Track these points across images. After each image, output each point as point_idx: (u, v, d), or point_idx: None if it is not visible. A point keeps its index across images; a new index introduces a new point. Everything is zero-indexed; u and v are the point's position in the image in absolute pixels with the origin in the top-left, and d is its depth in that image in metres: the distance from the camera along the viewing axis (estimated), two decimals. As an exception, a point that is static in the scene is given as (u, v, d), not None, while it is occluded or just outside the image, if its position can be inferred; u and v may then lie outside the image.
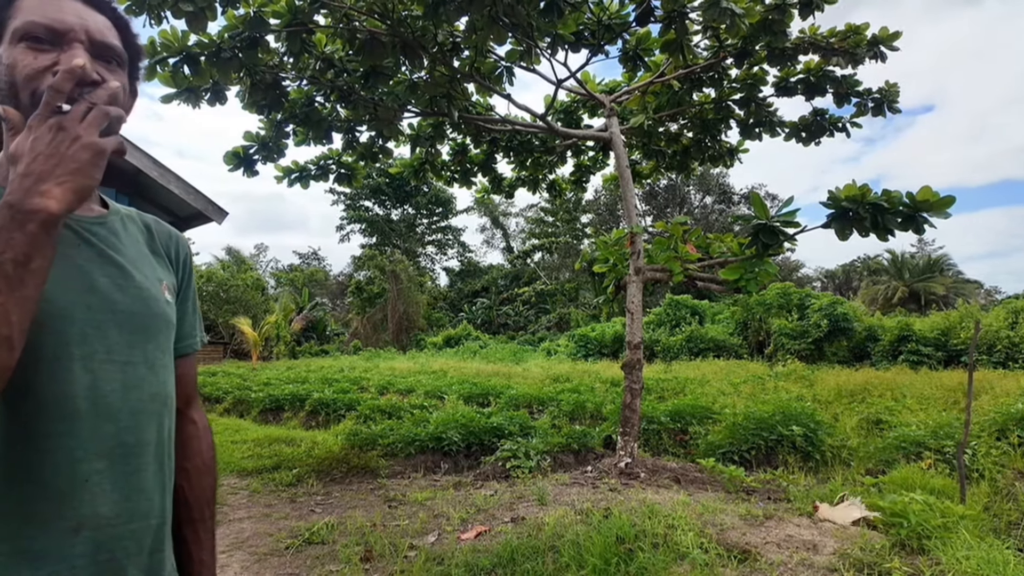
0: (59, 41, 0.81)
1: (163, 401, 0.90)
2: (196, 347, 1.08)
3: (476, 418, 6.40)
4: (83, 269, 0.83)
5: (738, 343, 14.28)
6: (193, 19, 3.91)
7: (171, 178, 6.23)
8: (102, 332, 0.81)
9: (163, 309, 0.92)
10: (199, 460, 1.05)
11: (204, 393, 11.02)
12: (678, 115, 6.67)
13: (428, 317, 27.61)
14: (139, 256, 0.93)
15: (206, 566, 1.03)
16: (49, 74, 0.79)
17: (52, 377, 0.76)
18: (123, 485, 0.81)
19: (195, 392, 1.09)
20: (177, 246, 1.05)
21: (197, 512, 1.03)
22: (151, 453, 0.86)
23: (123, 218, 0.96)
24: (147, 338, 0.88)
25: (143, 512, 0.84)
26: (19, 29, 0.80)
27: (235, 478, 5.36)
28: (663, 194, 31.00)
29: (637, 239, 5.30)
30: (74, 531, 0.76)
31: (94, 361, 0.80)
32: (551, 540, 3.25)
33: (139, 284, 0.89)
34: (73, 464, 0.76)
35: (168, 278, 0.98)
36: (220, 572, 3.18)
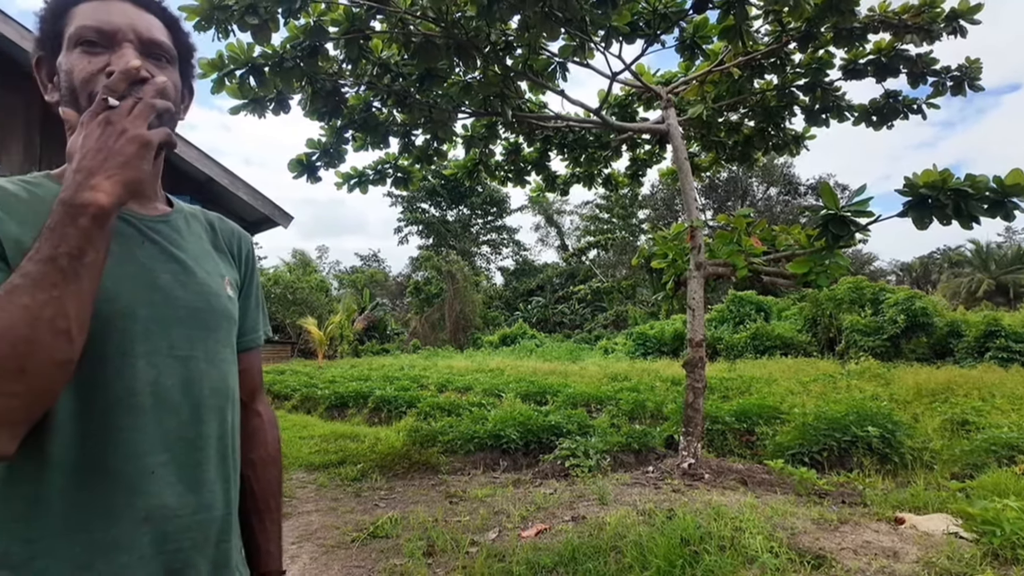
0: (110, 43, 0.84)
1: (224, 395, 0.91)
2: (260, 341, 1.09)
3: (534, 416, 6.40)
4: (146, 267, 0.85)
5: (807, 340, 13.68)
6: (258, 31, 4.07)
7: (240, 185, 6.53)
8: (165, 328, 0.83)
9: (224, 305, 0.93)
10: (264, 452, 1.06)
11: (274, 391, 11.51)
12: (739, 104, 6.44)
13: (484, 316, 27.86)
14: (201, 253, 0.95)
15: (272, 556, 1.04)
16: (103, 75, 0.82)
17: (119, 373, 0.78)
18: (187, 477, 0.83)
19: (260, 386, 1.10)
20: (240, 243, 1.07)
21: (263, 503, 1.04)
22: (213, 446, 0.88)
23: (187, 216, 0.98)
24: (208, 333, 0.89)
25: (207, 503, 0.86)
26: (73, 35, 0.84)
27: (303, 472, 5.56)
28: (723, 187, 30.07)
29: (697, 233, 5.16)
30: (143, 522, 0.78)
31: (157, 357, 0.82)
32: (613, 540, 3.20)
33: (201, 280, 0.90)
34: (140, 457, 0.78)
35: (231, 274, 1.00)
36: (290, 562, 3.31)
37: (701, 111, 6.02)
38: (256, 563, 1.02)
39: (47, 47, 0.87)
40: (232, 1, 3.98)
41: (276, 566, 1.05)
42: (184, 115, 0.99)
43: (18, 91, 5.60)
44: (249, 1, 3.99)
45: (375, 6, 4.33)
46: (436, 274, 27.62)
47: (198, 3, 4.01)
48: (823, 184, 4.50)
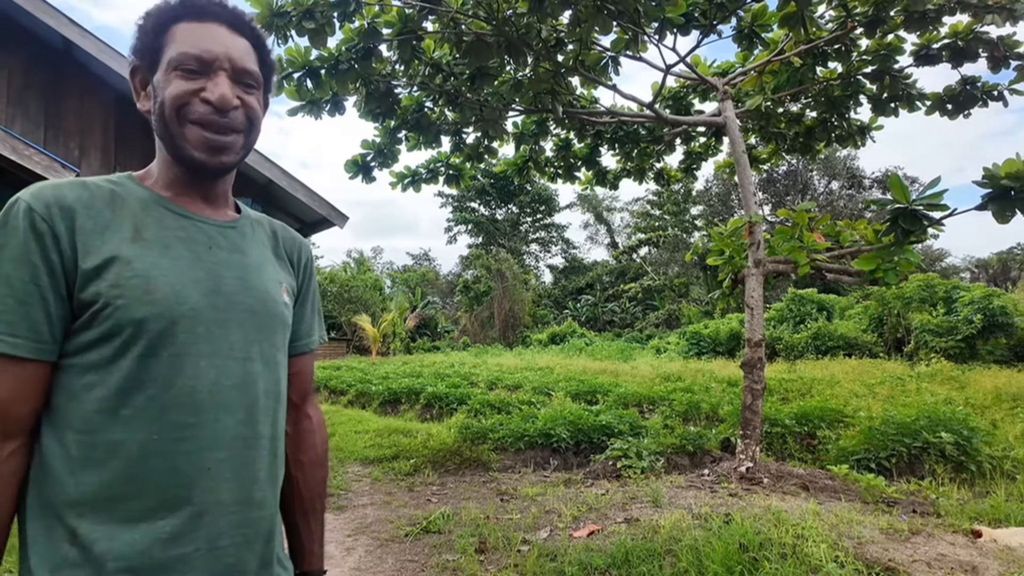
0: (206, 70, 0.89)
1: (276, 397, 0.94)
2: (313, 346, 1.12)
3: (584, 416, 6.34)
4: (213, 271, 0.89)
5: (872, 340, 13.04)
6: (315, 35, 4.18)
7: (298, 187, 6.74)
8: (226, 330, 0.87)
9: (281, 310, 0.97)
10: (313, 454, 1.09)
11: (330, 386, 11.85)
12: (800, 94, 6.18)
13: (533, 314, 27.86)
14: (263, 259, 1.00)
15: (315, 556, 1.07)
16: (196, 98, 0.88)
17: (183, 372, 0.82)
18: (241, 475, 0.86)
19: (311, 388, 1.13)
20: (300, 251, 1.11)
21: (309, 503, 1.07)
22: (266, 446, 0.91)
23: (252, 223, 1.03)
24: (264, 336, 0.93)
25: (259, 502, 0.89)
26: (174, 59, 0.89)
27: (358, 466, 5.69)
28: (782, 180, 28.99)
29: (756, 229, 4.98)
30: (199, 516, 0.82)
31: (218, 357, 0.86)
32: (667, 544, 3.13)
33: (261, 286, 0.95)
34: (198, 453, 0.82)
35: (288, 280, 1.04)
36: (346, 554, 3.39)
37: (760, 102, 5.81)
38: (299, 562, 1.06)
39: (145, 59, 0.92)
40: (291, 7, 4.11)
41: (318, 566, 1.08)
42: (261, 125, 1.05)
43: (97, 101, 5.95)
44: (306, 6, 4.11)
45: (427, 6, 4.37)
46: (485, 272, 27.79)
47: (259, 11, 4.15)
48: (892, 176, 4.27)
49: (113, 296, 0.80)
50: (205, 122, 0.89)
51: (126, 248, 0.83)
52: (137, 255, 0.84)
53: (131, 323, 0.80)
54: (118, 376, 0.80)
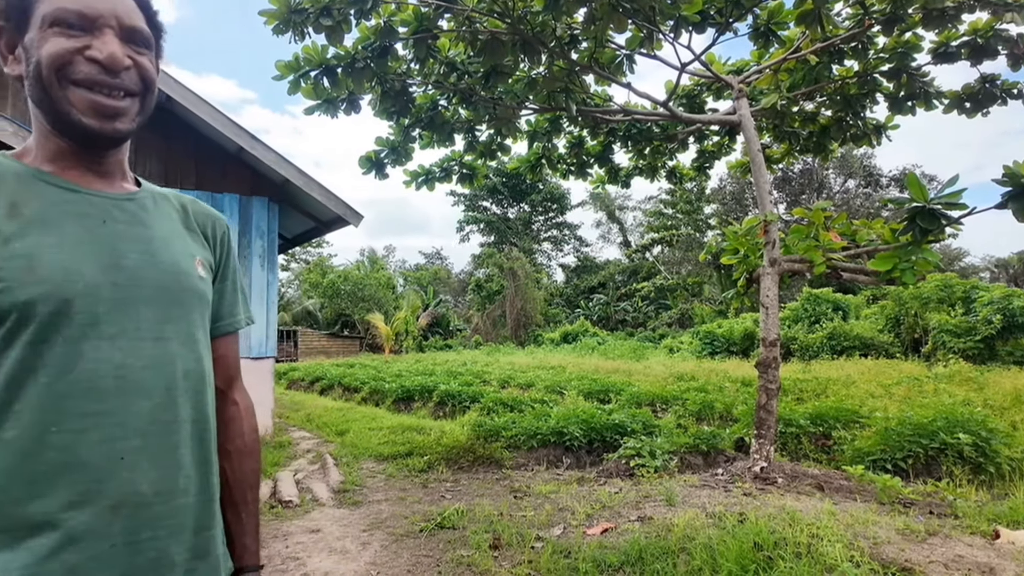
0: (89, 27, 0.82)
1: (199, 377, 0.88)
2: (237, 327, 1.05)
3: (597, 414, 6.34)
4: (110, 246, 0.82)
5: (888, 341, 12.90)
6: (331, 33, 4.22)
7: (314, 186, 6.80)
8: (131, 309, 0.81)
9: (195, 284, 0.90)
10: (241, 442, 1.01)
11: (344, 383, 11.94)
12: (815, 92, 6.13)
13: (545, 313, 27.86)
14: (171, 232, 0.92)
15: (248, 550, 1.00)
16: (79, 56, 0.80)
17: (83, 356, 0.76)
18: (161, 462, 0.80)
19: (237, 373, 1.05)
20: (214, 224, 1.03)
21: (239, 494, 1.00)
22: (188, 430, 0.85)
23: (155, 196, 0.95)
24: (181, 314, 0.86)
25: (183, 489, 0.82)
26: (49, 15, 0.80)
27: (372, 462, 5.74)
28: (798, 179, 28.74)
29: (772, 228, 4.95)
30: (113, 509, 0.75)
31: (124, 338, 0.79)
32: (681, 542, 3.13)
33: (170, 259, 0.87)
34: (108, 442, 0.75)
35: (203, 254, 0.97)
36: (362, 548, 3.42)
37: (775, 100, 5.77)
38: (232, 556, 0.99)
39: (11, 18, 0.83)
40: (308, 4, 4.15)
41: (253, 561, 1.00)
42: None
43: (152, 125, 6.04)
44: (324, 3, 4.15)
45: (443, 5, 4.39)
46: (498, 271, 27.84)
47: (276, 7, 4.20)
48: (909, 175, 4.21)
49: None
50: (92, 83, 0.81)
51: (3, 227, 0.75)
52: (15, 233, 0.75)
53: (15, 307, 0.73)
54: (7, 367, 0.73)
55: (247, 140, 6.39)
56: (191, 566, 0.83)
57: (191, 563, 0.83)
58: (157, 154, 6.31)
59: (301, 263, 35.70)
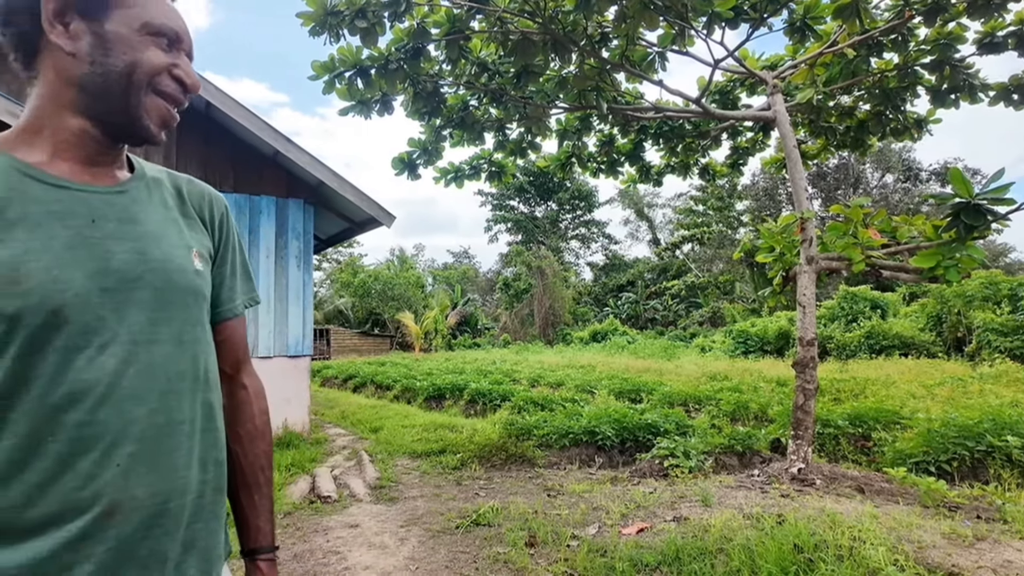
0: (176, 46, 0.88)
1: (196, 377, 0.87)
2: (239, 311, 1.03)
3: (629, 414, 6.31)
4: (98, 248, 0.79)
5: (930, 340, 12.51)
6: (366, 35, 4.29)
7: (348, 188, 6.91)
8: (122, 313, 0.79)
9: (190, 280, 0.88)
10: (251, 426, 1.01)
11: (376, 381, 12.11)
12: (852, 86, 5.99)
13: (573, 312, 27.78)
14: (165, 223, 0.90)
15: (263, 532, 1.00)
16: (167, 73, 0.86)
17: (74, 365, 0.75)
18: (159, 466, 0.80)
19: (245, 356, 1.04)
20: (212, 206, 1.01)
21: (251, 477, 1.00)
22: (185, 432, 0.84)
23: (149, 182, 0.92)
24: (173, 314, 0.85)
25: (179, 490, 0.83)
26: (152, 24, 0.84)
27: (407, 459, 5.82)
28: (833, 174, 28.05)
29: (808, 225, 4.87)
30: (108, 515, 0.75)
31: (116, 344, 0.78)
32: (719, 543, 3.11)
33: (162, 256, 0.85)
34: (103, 450, 0.75)
35: (201, 242, 0.95)
36: (400, 544, 3.48)
37: (811, 95, 5.66)
38: (246, 539, 1.00)
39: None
40: (344, 7, 4.23)
41: (267, 542, 1.00)
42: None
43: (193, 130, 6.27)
44: (359, 6, 4.22)
45: (475, 6, 4.43)
46: (525, 270, 27.85)
47: (313, 10, 4.28)
48: (952, 169, 4.07)
49: None
50: (171, 98, 0.87)
51: None
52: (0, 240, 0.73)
53: (2, 319, 0.71)
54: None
55: (282, 143, 6.53)
56: (181, 559, 0.83)
57: (183, 555, 0.83)
58: (197, 159, 6.49)
59: (333, 263, 36.27)
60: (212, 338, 0.94)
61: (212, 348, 0.93)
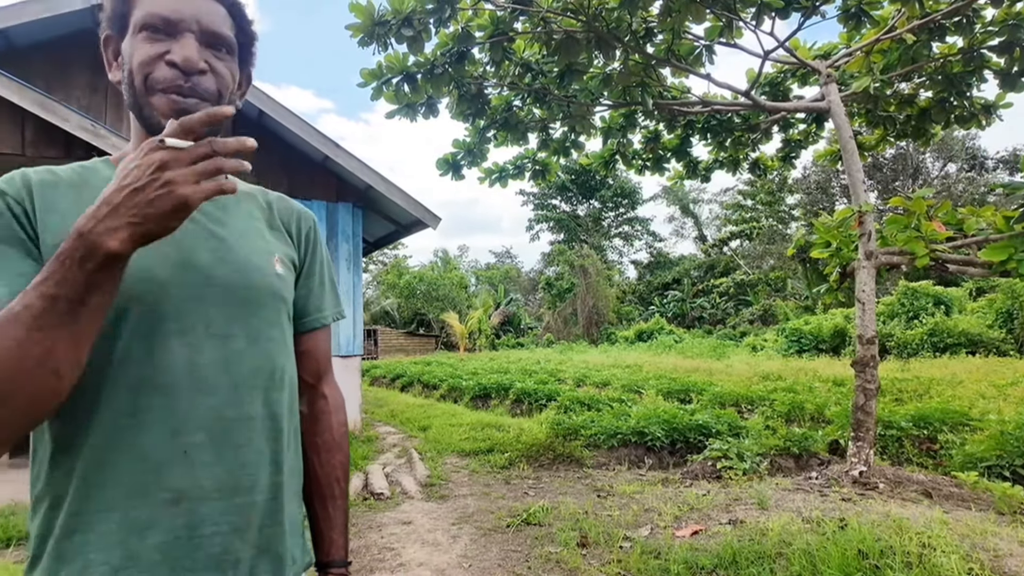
0: (174, 31, 0.83)
1: (269, 375, 0.88)
2: (323, 322, 1.04)
3: (679, 414, 6.21)
4: (183, 245, 0.83)
5: (1000, 337, 11.83)
6: (412, 42, 4.37)
7: (395, 191, 7.04)
8: (200, 307, 0.82)
9: (269, 282, 0.90)
10: (329, 436, 1.02)
11: (423, 380, 12.29)
12: (913, 73, 5.72)
13: (617, 311, 27.48)
14: (249, 230, 0.93)
15: (335, 544, 0.99)
16: (161, 61, 0.83)
17: (149, 352, 0.78)
18: (226, 459, 0.81)
19: (328, 367, 1.06)
20: (299, 221, 1.03)
21: (327, 488, 1.00)
22: (257, 428, 0.85)
23: (239, 195, 0.95)
24: (249, 311, 0.87)
25: (246, 487, 0.83)
26: (139, 20, 0.84)
27: (456, 458, 5.89)
28: (890, 165, 26.87)
29: (867, 219, 4.68)
30: (174, 502, 0.77)
31: (192, 335, 0.81)
32: (777, 547, 3.02)
33: (242, 257, 0.88)
34: (171, 437, 0.78)
35: (283, 251, 0.97)
36: (452, 542, 3.53)
37: (867, 84, 5.43)
38: (319, 550, 0.99)
39: (115, 27, 0.87)
40: (390, 16, 4.31)
41: (339, 555, 0.99)
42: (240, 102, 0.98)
43: (217, 118, 6.49)
44: (405, 14, 4.30)
45: (518, 7, 4.44)
46: (568, 269, 27.73)
47: (361, 21, 4.38)
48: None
49: None
50: (172, 89, 0.83)
51: None
52: None
53: None
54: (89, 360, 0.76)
55: (332, 148, 6.71)
56: (255, 562, 0.84)
57: (256, 559, 0.84)
58: (253, 165, 6.73)
59: (379, 265, 36.98)
60: (291, 342, 0.96)
61: (289, 351, 0.95)
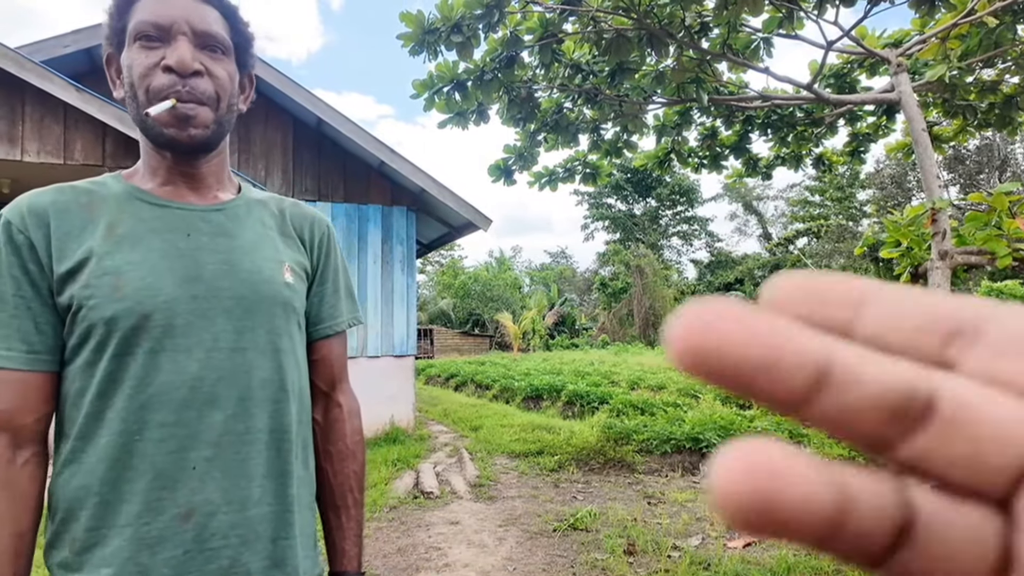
0: (166, 36, 0.84)
1: (279, 386, 0.88)
2: (336, 329, 1.02)
3: (736, 420, 6.01)
4: (190, 258, 0.84)
5: (1098, 343, 10.84)
6: (462, 48, 4.41)
7: (447, 194, 7.15)
8: (208, 320, 0.83)
9: (279, 292, 0.90)
10: (342, 444, 1.00)
11: (476, 380, 12.41)
12: (995, 58, 5.32)
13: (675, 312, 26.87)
14: (259, 239, 0.92)
15: (348, 555, 0.97)
16: (159, 69, 0.83)
17: (160, 368, 0.79)
18: (233, 473, 0.82)
19: (342, 375, 1.04)
20: (312, 227, 1.02)
21: (340, 497, 0.98)
22: (263, 440, 0.85)
23: (251, 203, 0.96)
24: (259, 322, 0.87)
25: (257, 499, 0.83)
26: (132, 31, 0.84)
27: (505, 459, 5.91)
28: (973, 157, 25.12)
29: (940, 216, 4.38)
30: (184, 517, 0.78)
31: (200, 350, 0.81)
32: (837, 563, 2.88)
33: (251, 267, 0.88)
34: (181, 452, 0.79)
35: (296, 259, 0.96)
36: (498, 543, 3.54)
37: (943, 72, 5.09)
38: (332, 561, 0.98)
39: (115, 43, 0.88)
40: (439, 23, 4.37)
41: (352, 567, 0.97)
42: (245, 105, 0.98)
43: (279, 128, 6.76)
44: (454, 21, 4.35)
45: (568, 8, 4.42)
46: (624, 269, 27.34)
47: (411, 30, 4.46)
48: None
49: (85, 297, 0.78)
50: (171, 95, 0.83)
51: (98, 247, 0.80)
52: (107, 252, 0.80)
53: (102, 322, 0.78)
54: (99, 378, 0.78)
55: (387, 154, 6.87)
56: (266, 574, 0.84)
57: (268, 571, 0.84)
58: (312, 172, 6.98)
59: (436, 265, 37.62)
60: (302, 351, 0.96)
61: (299, 360, 0.94)
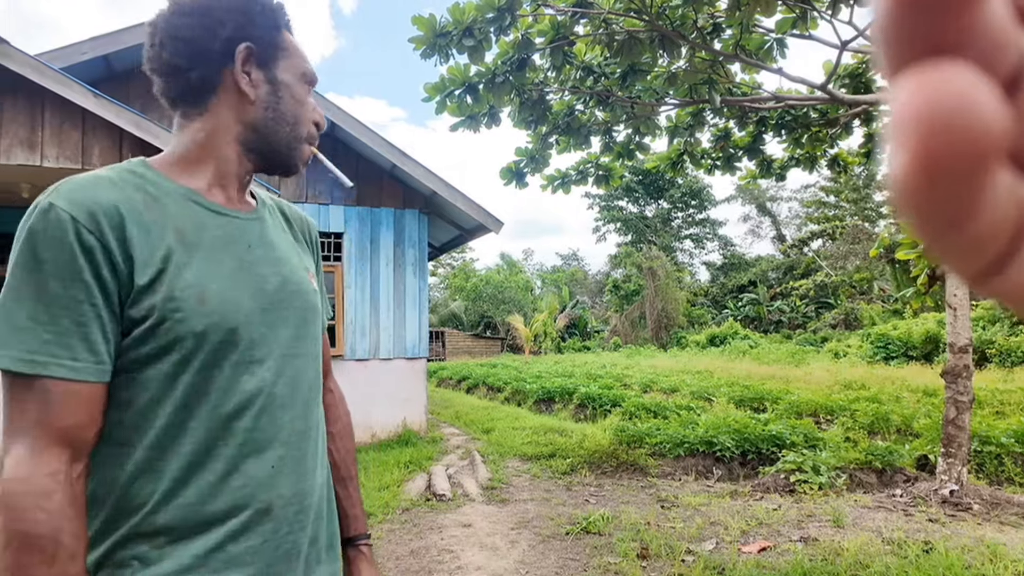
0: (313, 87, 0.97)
1: (319, 387, 0.98)
2: (327, 323, 1.10)
3: (751, 424, 5.96)
4: (255, 272, 0.89)
5: (1123, 345, 10.62)
6: (473, 52, 4.42)
7: (459, 197, 7.16)
8: (275, 331, 0.88)
9: (314, 300, 0.97)
10: (341, 425, 1.12)
11: (488, 383, 12.43)
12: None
13: (688, 314, 26.68)
14: (289, 248, 0.98)
15: (358, 520, 1.10)
16: (312, 121, 0.96)
17: (242, 378, 0.84)
18: (298, 468, 0.90)
19: (329, 364, 1.14)
20: (309, 229, 1.10)
21: (345, 471, 1.10)
22: (312, 436, 0.93)
23: (269, 209, 1.01)
24: (308, 330, 0.94)
25: (309, 490, 0.92)
26: (309, 74, 0.94)
27: (518, 461, 5.90)
28: (990, 157, 24.69)
29: (958, 217, 4.32)
30: (265, 513, 0.85)
31: (271, 359, 0.87)
32: (853, 568, 2.84)
33: (296, 279, 0.94)
34: (261, 454, 0.85)
35: (310, 264, 1.03)
36: (511, 547, 3.53)
37: (961, 70, 5.02)
38: (346, 528, 1.08)
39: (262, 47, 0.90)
40: (451, 27, 4.39)
41: (362, 529, 1.10)
42: None
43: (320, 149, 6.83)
44: (466, 24, 4.36)
45: (579, 11, 4.41)
46: (636, 271, 27.24)
47: (423, 33, 4.48)
48: None
49: (170, 310, 0.79)
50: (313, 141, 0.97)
51: (174, 255, 0.81)
52: (186, 262, 0.82)
53: (191, 336, 0.80)
54: (182, 389, 0.80)
55: (399, 157, 6.90)
56: (309, 551, 0.92)
57: (309, 548, 0.92)
58: (324, 176, 7.03)
59: (447, 268, 37.71)
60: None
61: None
